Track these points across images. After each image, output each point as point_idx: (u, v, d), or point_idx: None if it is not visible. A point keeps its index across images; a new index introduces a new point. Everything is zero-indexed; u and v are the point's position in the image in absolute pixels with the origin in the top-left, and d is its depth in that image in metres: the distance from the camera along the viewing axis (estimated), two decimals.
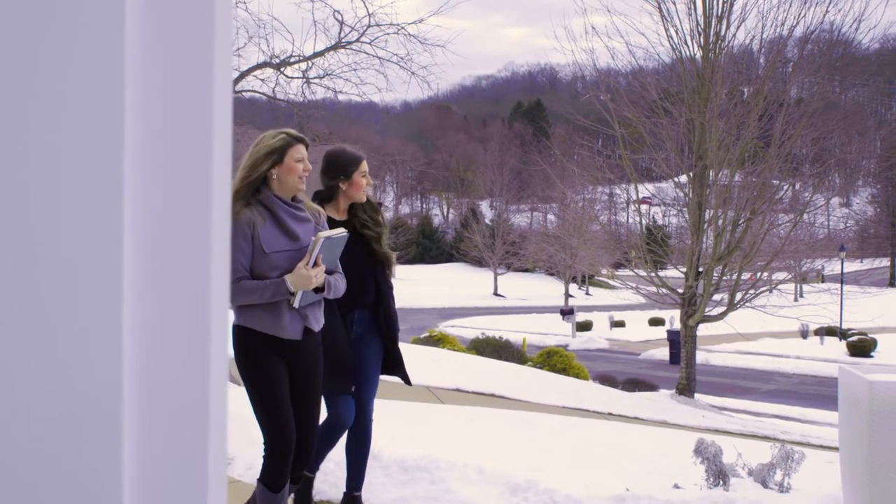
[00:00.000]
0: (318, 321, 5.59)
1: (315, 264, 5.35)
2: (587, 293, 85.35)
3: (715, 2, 27.57)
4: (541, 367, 28.03)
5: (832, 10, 27.73)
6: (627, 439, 11.48)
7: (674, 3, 27.85)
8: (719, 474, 7.27)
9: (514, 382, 20.91)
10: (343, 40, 17.31)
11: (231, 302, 5.20)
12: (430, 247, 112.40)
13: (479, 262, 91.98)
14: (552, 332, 52.52)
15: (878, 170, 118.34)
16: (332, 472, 7.38)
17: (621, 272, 53.29)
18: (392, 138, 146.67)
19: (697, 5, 27.65)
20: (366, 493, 7.02)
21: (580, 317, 56.45)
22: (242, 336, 5.39)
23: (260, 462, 7.75)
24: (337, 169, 6.26)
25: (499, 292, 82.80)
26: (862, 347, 47.73)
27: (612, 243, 34.03)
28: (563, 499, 6.83)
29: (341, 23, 17.13)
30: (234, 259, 5.29)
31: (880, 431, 5.41)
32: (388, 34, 17.56)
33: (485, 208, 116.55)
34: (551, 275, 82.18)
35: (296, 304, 5.33)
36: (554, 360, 28.95)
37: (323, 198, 6.37)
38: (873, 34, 28.33)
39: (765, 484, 7.28)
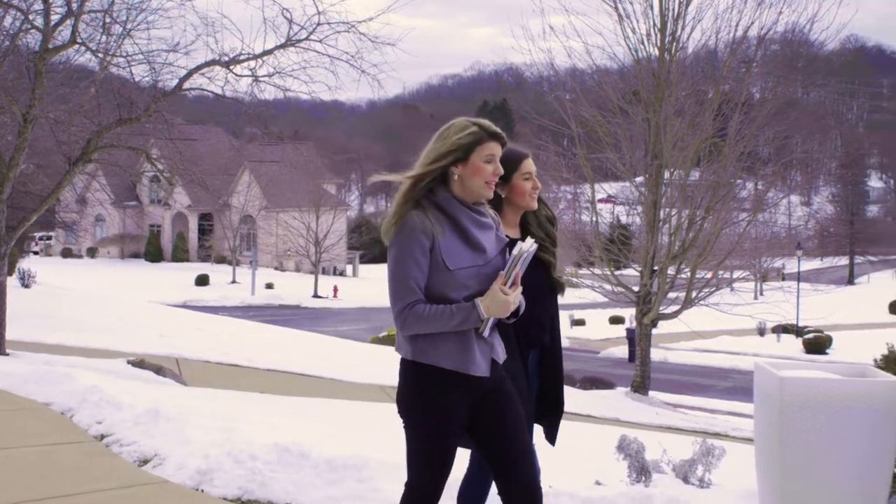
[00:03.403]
0: (503, 350, 4.68)
1: (513, 284, 4.44)
2: None
3: (671, 2, 27.71)
4: None
5: (787, 11, 27.90)
6: (569, 437, 11.52)
7: (631, 4, 27.97)
8: (642, 470, 7.33)
9: None
10: (292, 38, 17.26)
11: (402, 330, 4.41)
12: None
13: None
14: None
15: (838, 169, 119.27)
16: None
17: (582, 270, 53.53)
18: (358, 138, 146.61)
19: (654, 6, 27.77)
20: (293, 492, 7.03)
21: None
22: (419, 375, 4.46)
23: (192, 461, 7.78)
24: None
25: None
26: (817, 344, 48.13)
27: (576, 241, 34.20)
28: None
29: (290, 21, 17.08)
30: (406, 276, 4.36)
31: (791, 427, 5.47)
32: (338, 32, 17.52)
33: None
34: None
35: (486, 333, 4.47)
36: None
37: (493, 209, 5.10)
38: (826, 34, 28.35)
39: (686, 480, 7.35)
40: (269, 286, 73.27)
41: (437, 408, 4.41)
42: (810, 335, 50.42)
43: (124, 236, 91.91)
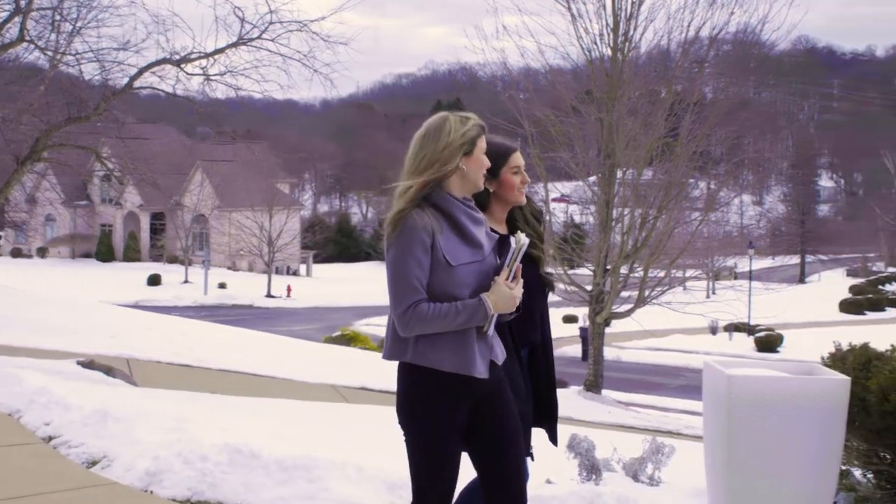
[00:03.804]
0: (502, 351, 4.61)
1: (514, 277, 4.41)
2: None
3: (624, 3, 27.82)
4: None
5: (738, 12, 28.08)
6: None
7: (584, 4, 28.05)
8: (592, 469, 7.36)
9: None
10: (244, 37, 17.21)
11: (405, 332, 4.29)
12: (347, 245, 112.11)
13: None
14: None
15: (789, 169, 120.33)
16: None
17: None
18: (312, 137, 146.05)
19: (607, 6, 27.86)
20: (243, 493, 6.99)
21: None
22: (418, 379, 4.35)
23: (141, 463, 7.72)
24: None
25: None
26: (769, 343, 48.57)
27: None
28: None
29: (242, 20, 17.05)
30: (408, 276, 4.27)
31: (739, 425, 5.50)
32: (290, 31, 17.50)
33: None
34: None
35: (490, 331, 4.42)
36: None
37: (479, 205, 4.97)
38: (777, 35, 28.56)
39: (636, 478, 7.39)
40: (222, 286, 72.92)
41: (439, 413, 4.32)
42: (762, 333, 50.87)
43: (75, 236, 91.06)
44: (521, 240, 4.39)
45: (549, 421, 5.26)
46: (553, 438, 5.33)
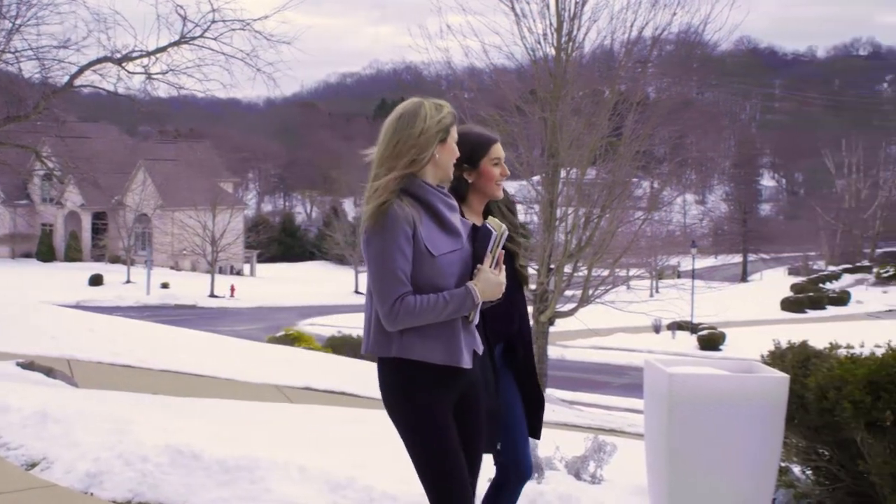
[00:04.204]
0: (480, 342, 4.52)
1: (496, 264, 4.36)
2: None
3: (567, 3, 27.88)
4: None
5: (681, 12, 28.23)
6: None
7: (528, 4, 28.08)
8: (534, 467, 7.37)
9: (366, 381, 20.89)
10: (186, 36, 17.09)
11: (393, 326, 4.21)
12: (292, 245, 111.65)
13: (340, 260, 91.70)
14: None
15: (731, 168, 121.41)
16: None
17: None
18: (256, 136, 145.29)
19: (550, 6, 27.91)
20: (184, 494, 6.95)
21: None
22: (406, 372, 4.26)
23: (81, 464, 7.63)
24: (460, 155, 4.65)
25: (359, 290, 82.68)
26: (711, 341, 49.04)
27: None
28: (380, 495, 6.86)
29: (184, 18, 16.94)
30: (393, 269, 4.18)
31: (679, 423, 5.54)
32: (233, 30, 17.41)
33: (349, 206, 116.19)
34: None
35: (476, 320, 4.37)
36: None
37: (458, 196, 4.89)
38: (719, 35, 28.75)
39: (578, 476, 7.41)
40: (165, 286, 72.42)
41: (427, 406, 4.24)
42: (704, 332, 51.35)
43: (15, 235, 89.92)
44: (500, 226, 4.36)
45: (532, 414, 5.22)
46: (535, 432, 5.26)
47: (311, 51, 19.17)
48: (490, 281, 4.28)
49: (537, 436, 5.32)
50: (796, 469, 7.32)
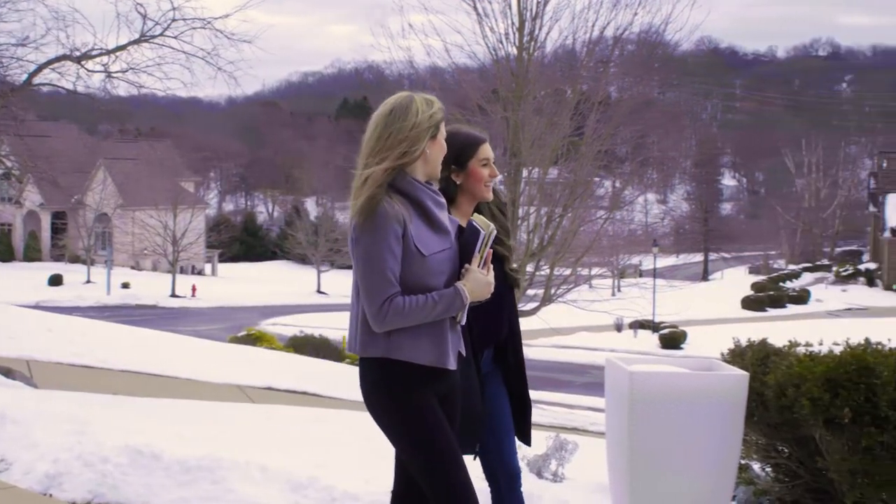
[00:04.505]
0: (463, 344, 4.44)
1: (484, 264, 4.29)
2: None
3: (529, 2, 27.93)
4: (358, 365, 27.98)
5: (642, 12, 28.34)
6: None
7: (490, 3, 28.11)
8: None
9: (329, 380, 20.89)
10: (146, 34, 17.00)
11: (381, 327, 4.13)
12: (253, 244, 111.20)
13: (302, 260, 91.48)
14: None
15: (692, 168, 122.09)
16: None
17: None
18: (217, 135, 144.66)
19: (512, 5, 27.96)
20: (145, 494, 6.91)
21: None
22: (394, 374, 4.17)
23: (40, 466, 7.57)
24: (447, 155, 4.55)
25: (322, 290, 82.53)
26: (673, 339, 49.25)
27: None
28: (342, 495, 6.85)
29: (144, 16, 16.84)
30: (383, 268, 4.10)
31: (640, 421, 5.56)
32: (193, 28, 17.32)
33: (311, 205, 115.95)
34: None
35: (463, 321, 4.29)
36: None
37: (448, 197, 4.74)
38: (680, 35, 28.91)
39: (540, 474, 7.43)
40: (126, 286, 71.97)
41: (417, 406, 4.17)
42: (666, 331, 51.56)
43: None
44: (489, 225, 4.28)
45: (521, 419, 5.17)
46: (525, 437, 5.23)
47: (272, 49, 19.12)
48: (479, 281, 4.22)
49: (528, 441, 5.28)
50: (756, 466, 7.38)
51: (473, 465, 4.65)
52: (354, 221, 4.18)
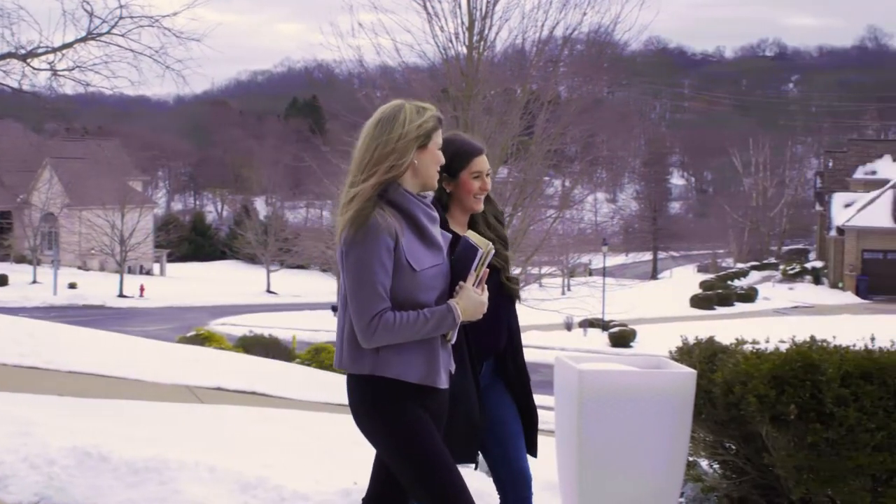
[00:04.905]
0: (452, 360, 4.35)
1: (479, 283, 4.18)
2: None
3: (479, 1, 27.98)
4: (309, 364, 27.98)
5: (591, 12, 28.46)
6: None
7: (440, 2, 28.12)
8: None
9: (279, 380, 20.82)
10: (93, 32, 16.85)
11: (369, 343, 4.03)
12: (202, 244, 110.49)
13: (252, 260, 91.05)
14: (323, 328, 52.49)
15: (641, 167, 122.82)
16: None
17: None
18: (166, 134, 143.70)
19: (462, 5, 27.98)
20: (92, 496, 6.85)
21: None
22: (382, 391, 4.08)
23: None
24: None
25: (272, 289, 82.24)
26: (622, 338, 49.50)
27: None
28: (291, 495, 6.84)
29: (91, 14, 16.69)
30: (373, 282, 4.00)
31: (588, 419, 5.58)
32: (141, 27, 17.20)
33: (260, 205, 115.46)
34: (325, 271, 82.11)
35: (454, 340, 4.21)
36: (322, 357, 28.94)
37: (441, 206, 4.70)
38: (629, 35, 29.09)
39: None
40: (73, 286, 71.31)
41: (410, 421, 4.08)
42: (615, 329, 51.83)
43: None
44: (487, 244, 4.17)
45: (528, 430, 5.11)
46: (533, 448, 5.17)
47: (221, 48, 19.03)
48: (472, 300, 4.12)
49: (534, 453, 5.24)
50: (704, 463, 7.43)
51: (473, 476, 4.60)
52: (345, 233, 4.08)
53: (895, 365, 6.05)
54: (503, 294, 4.94)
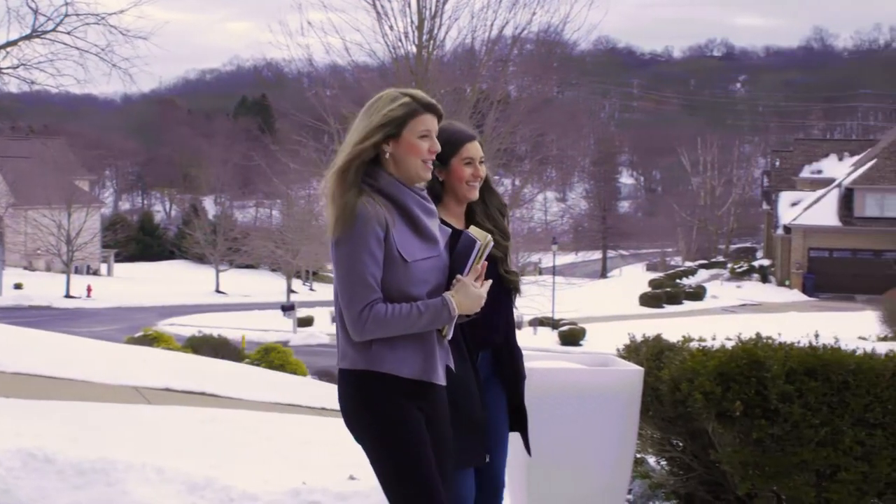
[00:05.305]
0: (450, 356, 4.20)
1: (478, 276, 4.04)
2: (311, 289, 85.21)
3: (428, 1, 27.98)
4: (258, 364, 27.85)
5: (540, 12, 28.54)
6: (325, 433, 11.54)
7: (389, 1, 28.10)
8: None
9: (227, 380, 20.71)
10: (38, 29, 16.69)
11: (360, 335, 3.91)
12: (150, 244, 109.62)
13: (200, 259, 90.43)
14: (273, 328, 52.32)
15: (591, 166, 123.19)
16: None
17: None
18: (113, 133, 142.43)
19: (411, 4, 27.98)
20: (38, 498, 6.78)
21: (302, 312, 56.43)
22: (374, 387, 3.94)
23: None
24: None
25: (220, 289, 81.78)
26: (572, 336, 49.69)
27: None
28: (240, 495, 6.81)
29: (35, 11, 16.52)
30: (363, 272, 3.88)
31: (536, 417, 5.59)
32: (87, 24, 17.05)
33: (209, 204, 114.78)
34: (274, 271, 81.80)
35: (450, 336, 4.06)
36: (272, 357, 28.81)
37: (434, 195, 4.53)
38: (578, 35, 29.25)
39: None
40: (18, 286, 70.64)
41: (398, 421, 3.92)
42: (565, 327, 52.02)
43: None
44: (485, 236, 4.08)
45: (521, 427, 5.00)
46: (526, 446, 5.04)
47: (169, 46, 18.91)
48: (470, 294, 3.97)
49: (528, 452, 5.11)
50: (651, 460, 7.49)
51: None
52: (333, 225, 3.97)
53: (839, 361, 6.11)
54: (502, 287, 4.79)
